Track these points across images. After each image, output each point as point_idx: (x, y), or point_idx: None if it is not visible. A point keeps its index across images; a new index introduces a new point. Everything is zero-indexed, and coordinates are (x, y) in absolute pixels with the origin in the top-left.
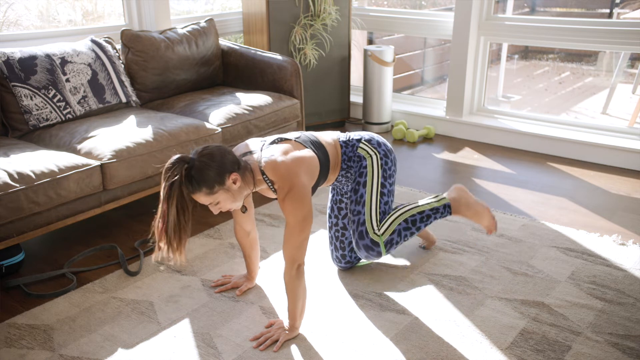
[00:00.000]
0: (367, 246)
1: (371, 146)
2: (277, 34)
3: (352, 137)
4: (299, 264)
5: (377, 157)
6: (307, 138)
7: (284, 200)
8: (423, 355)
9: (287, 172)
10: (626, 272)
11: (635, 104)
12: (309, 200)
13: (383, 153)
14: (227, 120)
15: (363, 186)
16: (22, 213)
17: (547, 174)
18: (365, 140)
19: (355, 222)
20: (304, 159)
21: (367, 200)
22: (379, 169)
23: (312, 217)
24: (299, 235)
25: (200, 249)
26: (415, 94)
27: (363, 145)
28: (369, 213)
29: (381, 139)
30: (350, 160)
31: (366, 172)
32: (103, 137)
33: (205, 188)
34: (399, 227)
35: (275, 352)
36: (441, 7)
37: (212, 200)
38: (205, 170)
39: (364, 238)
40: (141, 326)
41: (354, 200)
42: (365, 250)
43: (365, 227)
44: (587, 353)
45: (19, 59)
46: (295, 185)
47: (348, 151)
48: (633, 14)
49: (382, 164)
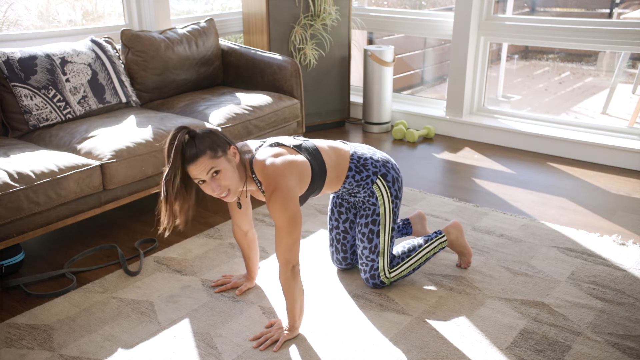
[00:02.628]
0: (375, 284)
1: (386, 185)
2: (277, 34)
3: (367, 163)
4: (294, 264)
5: (389, 200)
6: (306, 146)
7: (270, 201)
8: (423, 355)
9: (274, 173)
10: (626, 272)
11: (635, 104)
12: (294, 202)
13: (394, 194)
14: (227, 120)
15: (377, 236)
16: (22, 213)
17: (547, 174)
18: (381, 174)
19: (369, 267)
20: (294, 162)
21: (381, 249)
22: (391, 213)
23: (300, 218)
24: (289, 237)
25: (200, 249)
26: (415, 94)
27: (379, 182)
28: (382, 261)
29: (394, 172)
30: (359, 186)
31: (379, 220)
32: (103, 137)
33: (209, 151)
34: (407, 274)
35: (275, 352)
36: (441, 7)
37: (213, 165)
38: (208, 136)
39: (375, 279)
40: (141, 326)
41: (367, 247)
42: (373, 285)
43: (378, 272)
44: (587, 353)
45: (19, 59)
46: (280, 186)
47: (360, 179)
48: (633, 14)
49: (393, 207)
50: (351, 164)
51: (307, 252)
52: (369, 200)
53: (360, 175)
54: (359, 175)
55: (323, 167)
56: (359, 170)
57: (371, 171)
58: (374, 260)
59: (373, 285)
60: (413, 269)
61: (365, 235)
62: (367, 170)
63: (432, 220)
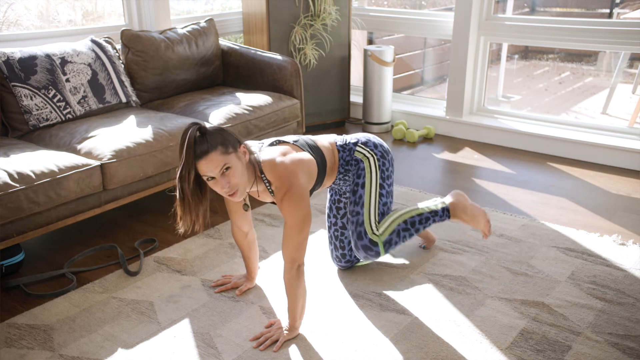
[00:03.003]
0: (365, 246)
1: (368, 148)
2: (277, 34)
3: (348, 141)
4: (299, 264)
5: (374, 158)
6: (304, 142)
7: (282, 201)
8: (423, 355)
9: (286, 172)
10: (626, 272)
11: (635, 104)
12: (307, 200)
13: (380, 154)
14: (227, 120)
15: (362, 187)
16: (22, 213)
17: (547, 174)
18: (361, 143)
19: (354, 222)
20: (303, 160)
21: (366, 201)
22: (376, 170)
23: (310, 217)
24: (298, 236)
25: (200, 249)
26: (415, 94)
27: (360, 148)
28: (367, 213)
29: (377, 140)
30: (347, 164)
31: (364, 174)
32: (103, 137)
33: (221, 146)
34: (397, 228)
35: (275, 352)
36: (441, 7)
37: (225, 162)
38: (219, 132)
39: (363, 238)
40: (141, 326)
41: (352, 201)
42: (364, 250)
43: (364, 228)
44: (587, 353)
45: (19, 59)
46: (294, 185)
47: (345, 155)
48: (633, 14)
49: (379, 165)
50: (338, 147)
51: (307, 252)
52: (358, 173)
53: (344, 152)
54: (343, 152)
55: (324, 161)
56: (343, 148)
57: (352, 143)
58: (358, 212)
59: (363, 250)
60: (404, 220)
61: (351, 191)
62: (349, 145)
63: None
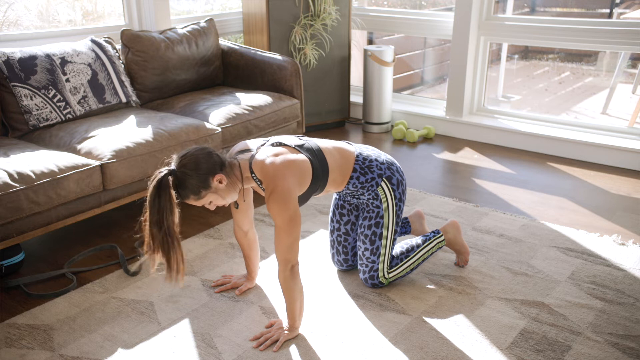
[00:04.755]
0: (374, 284)
1: (391, 187)
2: (277, 34)
3: (371, 165)
4: (293, 264)
5: (393, 203)
6: (308, 146)
7: (269, 201)
8: (423, 355)
9: (274, 173)
10: (626, 272)
11: (635, 104)
12: (293, 202)
13: (398, 197)
14: (227, 120)
15: (379, 238)
16: (22, 213)
17: (547, 174)
18: (386, 177)
19: (369, 268)
20: (295, 162)
21: (382, 251)
22: (394, 216)
23: (299, 218)
24: (288, 237)
25: (200, 249)
26: (415, 94)
27: (384, 184)
28: (382, 262)
29: (400, 175)
30: (364, 188)
31: (382, 223)
32: (103, 137)
33: (192, 195)
34: (405, 274)
35: (275, 352)
36: (441, 7)
37: (203, 203)
38: (186, 180)
39: (374, 279)
40: (141, 326)
41: (369, 249)
42: (372, 285)
43: (377, 274)
44: (587, 353)
45: (19, 59)
46: (279, 187)
47: (363, 180)
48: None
49: (396, 210)
50: (356, 165)
51: (307, 253)
52: (373, 202)
53: (365, 177)
54: (363, 177)
55: (325, 168)
56: (364, 172)
57: (376, 173)
58: (374, 262)
59: (372, 285)
60: (411, 269)
61: (367, 237)
62: (372, 172)
63: (432, 220)
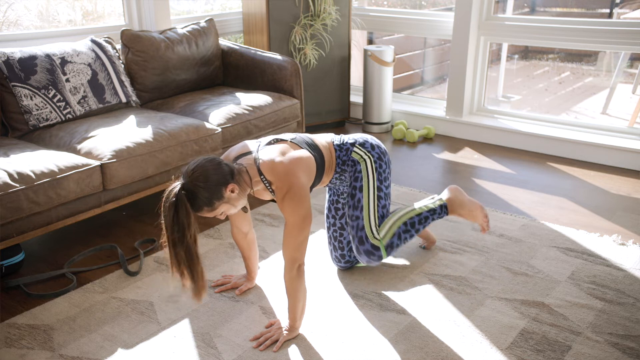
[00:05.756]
0: (367, 251)
1: (365, 150)
2: (277, 34)
3: (345, 141)
4: (300, 264)
5: (371, 160)
6: (302, 139)
7: (283, 200)
8: (423, 355)
9: (285, 172)
10: (626, 272)
11: (635, 104)
12: (307, 199)
13: (377, 156)
14: (227, 120)
15: (360, 190)
16: (22, 213)
17: (547, 174)
18: (359, 144)
19: (355, 227)
20: (302, 158)
21: (365, 204)
22: (373, 172)
23: (311, 216)
24: (299, 235)
25: (200, 249)
26: (415, 94)
27: (357, 149)
28: (367, 217)
29: (375, 141)
30: (344, 164)
31: (361, 177)
32: (103, 137)
33: (205, 207)
34: (398, 230)
35: (275, 352)
36: (441, 7)
37: (215, 214)
38: (199, 193)
39: (364, 243)
40: (141, 326)
41: (351, 206)
42: (367, 255)
43: (365, 232)
44: (587, 353)
45: (19, 59)
46: (294, 185)
47: (342, 155)
48: (633, 14)
49: (376, 167)
50: (335, 146)
51: (307, 252)
52: (355, 175)
53: (341, 152)
54: (340, 152)
55: (322, 159)
56: (340, 147)
57: (349, 143)
58: (358, 217)
59: (366, 255)
60: (404, 222)
61: (349, 196)
62: (346, 145)
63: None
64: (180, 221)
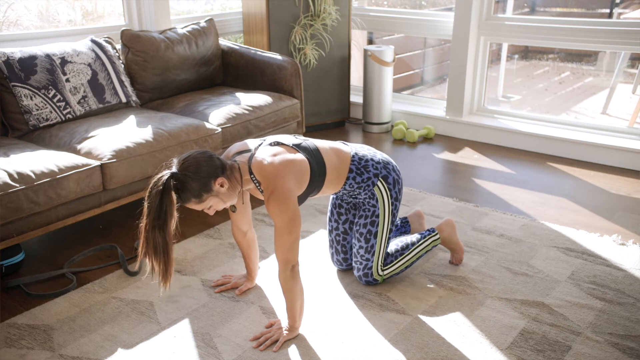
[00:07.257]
0: (368, 281)
1: (387, 187)
2: (277, 34)
3: (367, 165)
4: (293, 264)
5: (389, 202)
6: (306, 146)
7: (268, 202)
8: (423, 355)
9: (273, 173)
10: (626, 272)
11: (635, 104)
12: (293, 202)
13: (395, 197)
14: (227, 120)
15: (374, 237)
16: (22, 213)
17: (547, 174)
18: (382, 177)
19: (363, 265)
20: (293, 162)
21: (377, 250)
22: (390, 215)
23: (299, 218)
24: (288, 237)
25: (200, 249)
26: (415, 94)
27: (380, 184)
28: (376, 260)
29: (396, 173)
30: (361, 188)
31: (378, 222)
32: (103, 137)
33: (193, 198)
34: (400, 271)
35: (275, 352)
36: (441, 7)
37: (203, 207)
38: (188, 183)
39: (368, 277)
40: (141, 326)
41: (363, 247)
42: (366, 283)
43: (372, 271)
44: (587, 353)
45: (19, 59)
46: (279, 187)
47: (359, 180)
48: (633, 14)
49: (392, 209)
50: (352, 165)
51: (307, 252)
52: (369, 202)
53: (361, 177)
54: (359, 177)
55: (323, 167)
56: (360, 172)
57: (372, 173)
58: (368, 259)
59: (366, 283)
60: (406, 266)
61: (362, 235)
62: (368, 172)
63: (432, 221)
64: (164, 209)
